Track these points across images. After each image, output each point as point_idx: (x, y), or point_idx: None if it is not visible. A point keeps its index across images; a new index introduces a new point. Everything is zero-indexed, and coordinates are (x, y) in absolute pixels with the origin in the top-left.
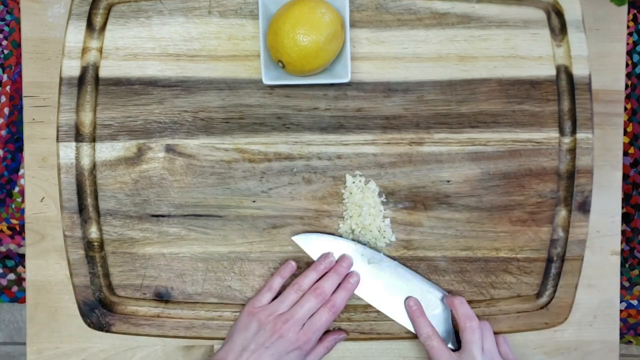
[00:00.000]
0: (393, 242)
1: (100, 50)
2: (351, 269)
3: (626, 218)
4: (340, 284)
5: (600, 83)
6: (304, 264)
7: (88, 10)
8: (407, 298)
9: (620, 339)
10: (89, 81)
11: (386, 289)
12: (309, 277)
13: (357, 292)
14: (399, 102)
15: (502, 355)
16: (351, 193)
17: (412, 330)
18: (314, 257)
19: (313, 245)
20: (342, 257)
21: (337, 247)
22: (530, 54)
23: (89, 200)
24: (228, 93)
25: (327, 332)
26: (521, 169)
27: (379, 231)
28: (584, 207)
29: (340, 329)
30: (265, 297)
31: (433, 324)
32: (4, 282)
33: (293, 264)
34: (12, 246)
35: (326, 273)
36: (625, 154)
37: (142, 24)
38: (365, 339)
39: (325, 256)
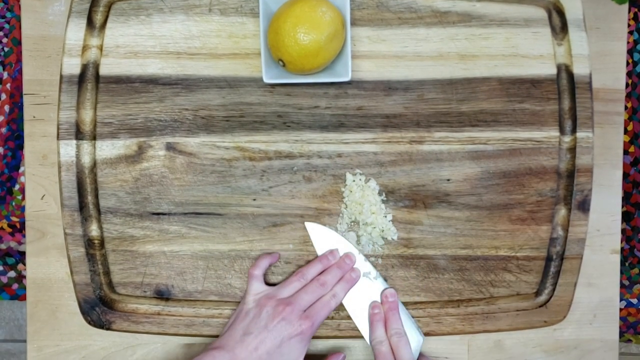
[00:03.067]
0: (394, 240)
1: (101, 48)
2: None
3: (626, 217)
4: (342, 277)
5: (600, 82)
6: (304, 261)
7: (88, 7)
8: (373, 302)
9: (620, 337)
10: (89, 79)
11: (363, 299)
12: (314, 268)
13: None
14: (400, 100)
15: None
16: (351, 191)
17: (366, 336)
18: (318, 249)
19: (320, 238)
20: (347, 254)
21: (343, 247)
22: (531, 53)
23: (90, 198)
24: (229, 91)
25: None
26: (521, 168)
27: (381, 229)
28: (584, 206)
29: (340, 352)
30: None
31: None
32: (4, 279)
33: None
34: (13, 244)
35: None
36: (626, 152)
37: (142, 22)
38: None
39: (331, 252)
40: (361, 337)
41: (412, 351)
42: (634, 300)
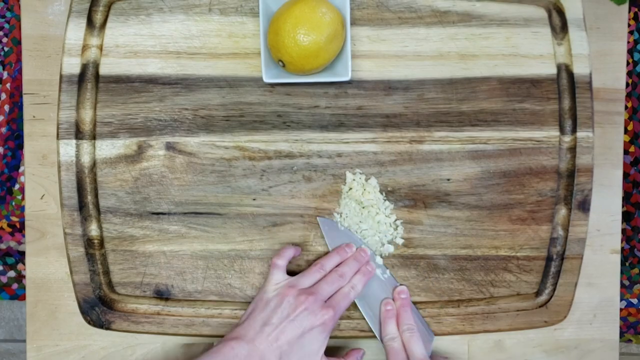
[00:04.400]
0: (398, 242)
1: (101, 47)
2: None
3: (626, 216)
4: (358, 270)
5: (600, 81)
6: (304, 262)
7: (88, 7)
8: (385, 299)
9: (620, 337)
10: (89, 79)
11: (375, 297)
12: (332, 259)
13: None
14: (400, 100)
15: None
16: (351, 188)
17: (377, 334)
18: (329, 243)
19: (332, 233)
20: (361, 248)
21: (355, 243)
22: (531, 53)
23: (89, 198)
24: (228, 91)
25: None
26: (521, 168)
27: (386, 225)
28: (584, 206)
29: (359, 349)
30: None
31: None
32: (4, 279)
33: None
34: (12, 243)
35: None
36: (626, 152)
37: (142, 22)
38: (365, 337)
39: (347, 245)
40: (362, 337)
41: (424, 347)
42: (634, 300)
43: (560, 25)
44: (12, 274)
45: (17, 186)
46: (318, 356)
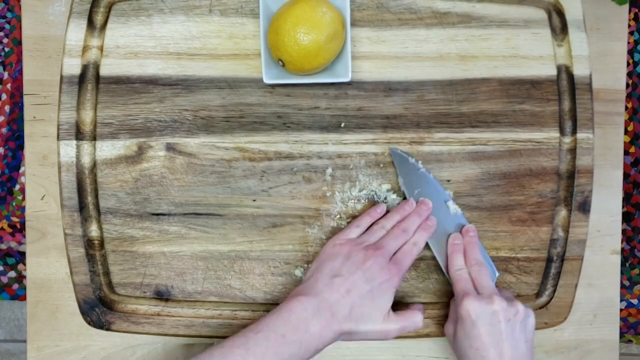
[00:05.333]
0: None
1: (101, 48)
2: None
3: (626, 217)
4: (419, 225)
5: (601, 82)
6: (304, 262)
7: (89, 8)
8: (452, 234)
9: (620, 338)
10: (89, 79)
11: (443, 231)
12: (393, 218)
13: None
14: (400, 101)
15: None
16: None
17: (443, 267)
18: (400, 174)
19: (405, 168)
20: (423, 201)
21: (424, 181)
22: (531, 54)
23: (90, 199)
24: (228, 92)
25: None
26: (521, 169)
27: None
28: (584, 207)
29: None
30: (353, 232)
31: None
32: (4, 279)
33: (383, 207)
34: (13, 244)
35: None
36: (626, 153)
37: (142, 23)
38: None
39: (406, 202)
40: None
41: (491, 280)
42: (634, 301)
43: (560, 27)
44: (12, 274)
45: (17, 187)
46: (386, 310)
